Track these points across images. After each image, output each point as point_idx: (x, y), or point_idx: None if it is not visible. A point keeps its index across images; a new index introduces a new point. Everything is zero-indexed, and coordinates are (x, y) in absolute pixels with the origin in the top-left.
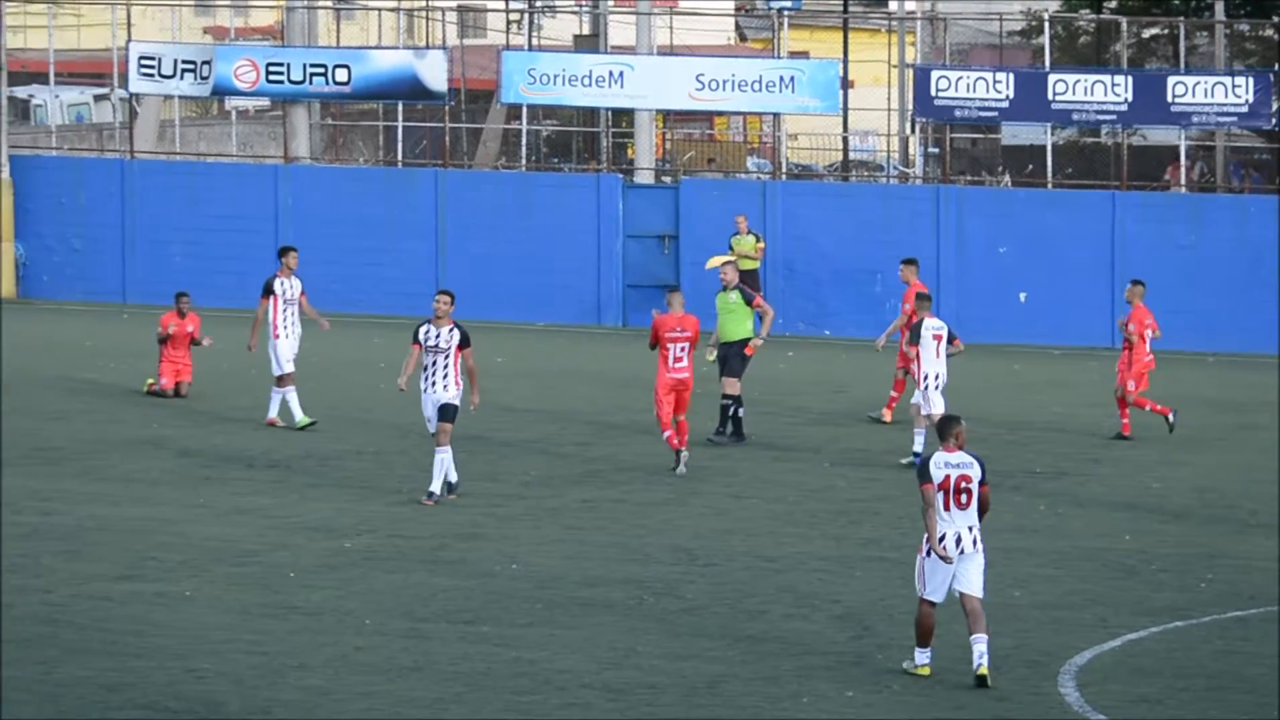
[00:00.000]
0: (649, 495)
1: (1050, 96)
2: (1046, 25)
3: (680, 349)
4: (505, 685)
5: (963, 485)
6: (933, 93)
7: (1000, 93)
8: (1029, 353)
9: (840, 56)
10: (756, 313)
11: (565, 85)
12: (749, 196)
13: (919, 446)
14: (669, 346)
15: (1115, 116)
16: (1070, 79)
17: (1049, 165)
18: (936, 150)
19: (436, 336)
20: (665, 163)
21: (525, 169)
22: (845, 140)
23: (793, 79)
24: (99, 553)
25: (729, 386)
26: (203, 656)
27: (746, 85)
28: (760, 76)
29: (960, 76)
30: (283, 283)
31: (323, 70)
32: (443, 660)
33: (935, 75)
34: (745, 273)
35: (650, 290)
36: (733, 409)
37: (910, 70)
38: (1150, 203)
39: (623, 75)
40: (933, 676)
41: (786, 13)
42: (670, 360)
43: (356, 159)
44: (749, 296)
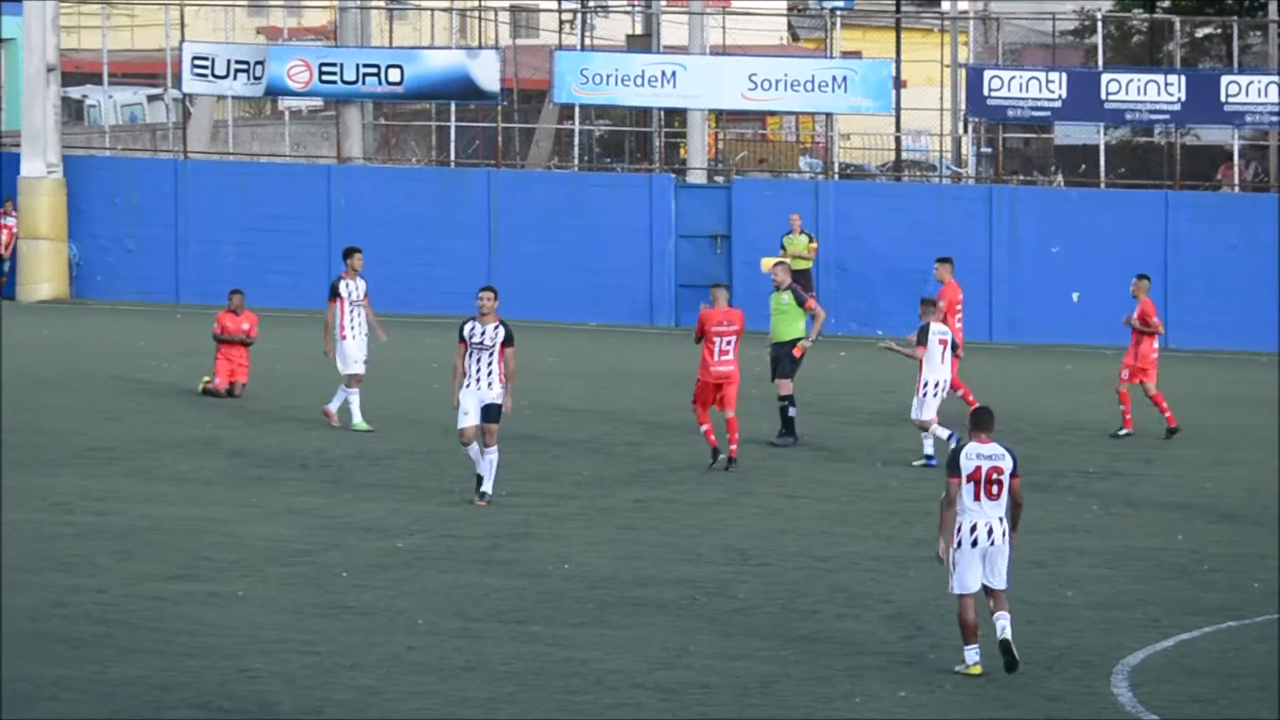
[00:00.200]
0: (701, 495)
1: (1103, 96)
2: (1099, 25)
3: (726, 343)
4: (557, 685)
5: (994, 477)
6: (985, 92)
7: (1053, 92)
8: (1081, 353)
9: (893, 56)
10: (809, 314)
11: (618, 85)
12: (801, 196)
13: (941, 439)
14: (715, 340)
15: (1168, 116)
16: (1123, 79)
17: (1102, 165)
18: (989, 150)
19: (482, 334)
20: (718, 163)
21: (578, 169)
22: (898, 140)
23: (845, 79)
24: (152, 552)
25: (782, 388)
26: (255, 656)
27: (799, 85)
28: (813, 76)
29: (1013, 76)
30: (348, 284)
31: (376, 70)
32: (495, 660)
33: (988, 75)
34: (798, 273)
35: (703, 290)
36: (784, 407)
37: (963, 70)
38: (1203, 203)
39: (675, 75)
40: (984, 676)
41: (839, 12)
42: (716, 354)
43: (409, 159)
44: (801, 298)
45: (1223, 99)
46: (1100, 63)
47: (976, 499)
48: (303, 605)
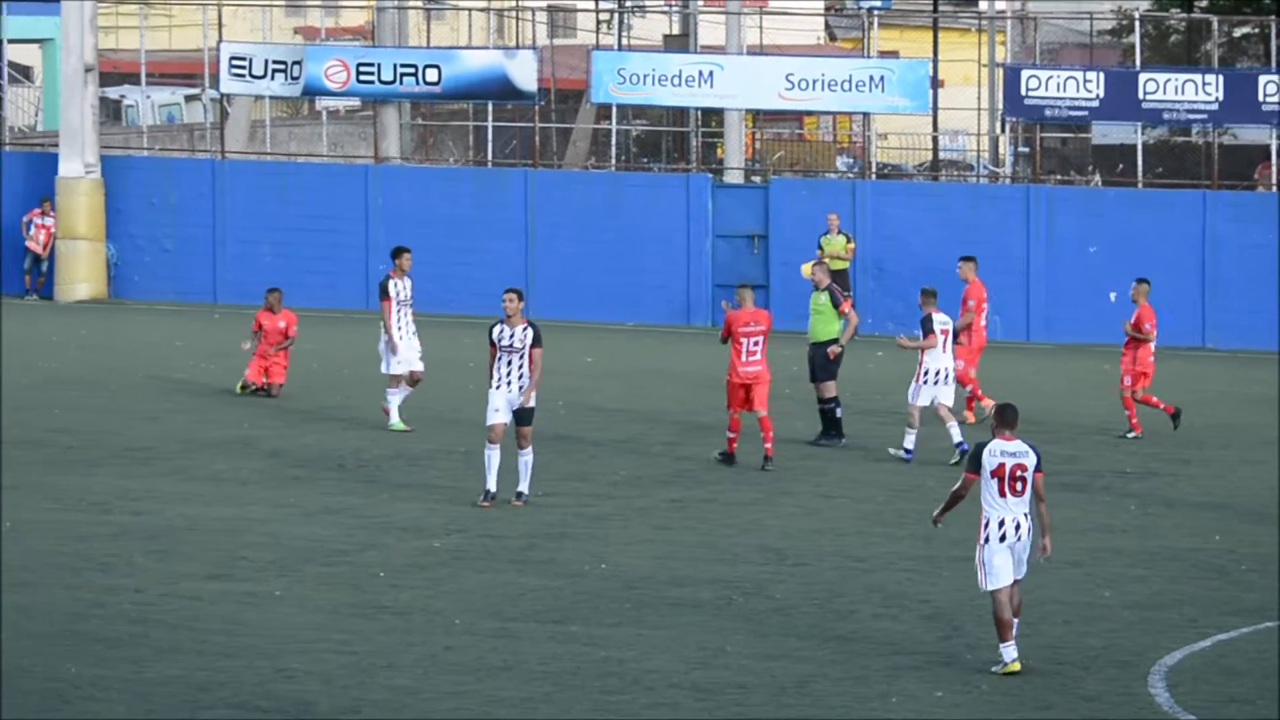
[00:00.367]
0: (737, 495)
1: (1140, 96)
2: (1137, 24)
3: (753, 343)
4: (594, 685)
5: (1018, 474)
6: (1023, 92)
7: (1090, 92)
8: (1118, 353)
9: (930, 56)
10: (843, 317)
11: (655, 85)
12: (838, 196)
13: (958, 436)
14: (742, 341)
15: (1206, 116)
16: (1161, 78)
17: (1139, 165)
18: (1026, 150)
19: (510, 336)
20: (755, 162)
21: (615, 169)
22: (935, 140)
23: (882, 78)
24: (189, 552)
25: (825, 390)
26: (292, 656)
27: (836, 85)
28: (850, 76)
29: (1050, 76)
30: (396, 284)
31: (413, 70)
32: (531, 660)
33: (1025, 74)
34: (835, 273)
35: None
36: (831, 408)
37: (1000, 69)
38: (1241, 202)
39: (712, 75)
40: (1022, 676)
41: (876, 12)
42: (743, 354)
43: (446, 159)
44: (837, 300)
45: (1260, 98)
46: (1138, 62)
47: (1002, 495)
48: (340, 605)
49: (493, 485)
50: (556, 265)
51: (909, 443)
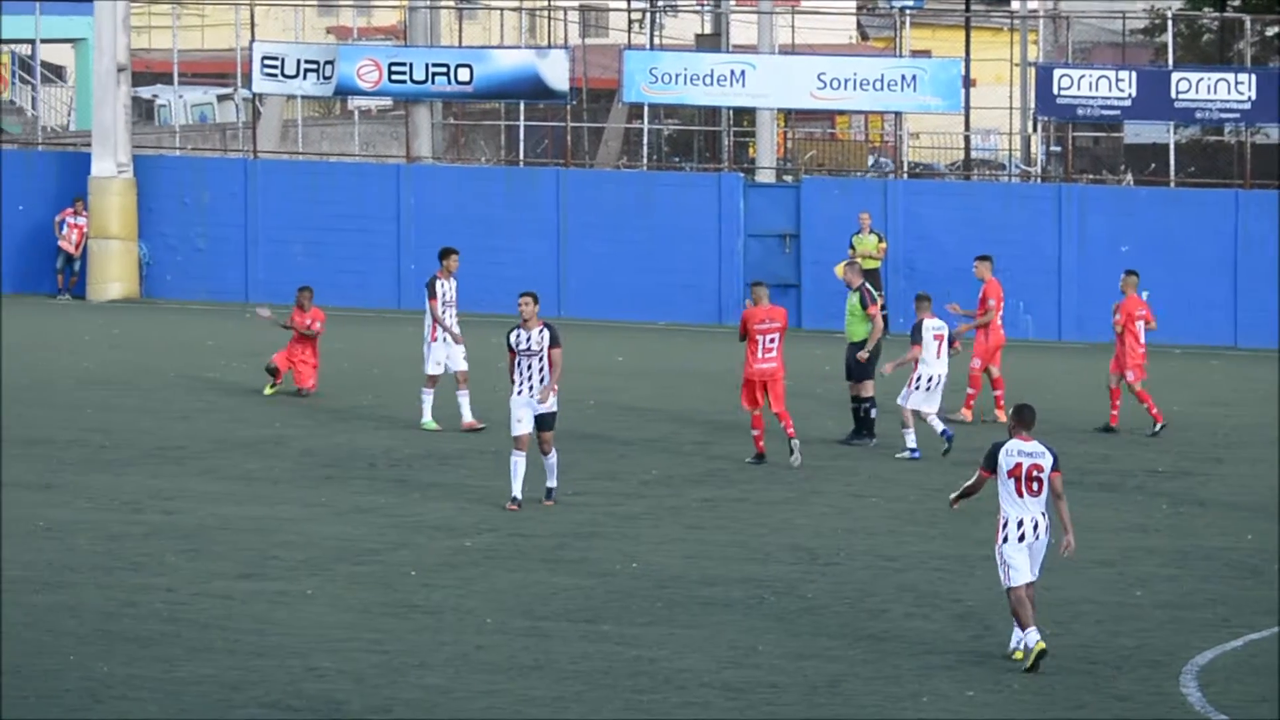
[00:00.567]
0: (769, 494)
1: (1173, 95)
2: (1169, 23)
3: (770, 340)
4: (625, 684)
5: (1034, 474)
6: (1055, 91)
7: (1123, 91)
8: (1150, 352)
9: (962, 55)
10: (870, 319)
11: (687, 84)
12: (870, 195)
13: (940, 426)
14: (758, 338)
15: (1238, 115)
16: (1193, 77)
17: (1171, 164)
18: (1059, 149)
19: (528, 340)
20: (786, 162)
21: (646, 168)
22: (967, 139)
23: (914, 78)
24: (221, 551)
25: (863, 389)
26: (323, 655)
27: (868, 84)
28: (882, 75)
29: (1082, 75)
30: (442, 284)
31: (445, 70)
32: (563, 659)
33: (1057, 74)
34: (867, 272)
35: (771, 290)
36: (866, 408)
37: (1032, 69)
38: (1273, 202)
39: (744, 74)
40: (1054, 675)
41: (908, 11)
42: (760, 351)
43: (478, 158)
44: (865, 302)
45: None
46: (1170, 61)
47: (1019, 495)
48: (371, 604)
49: (518, 493)
50: (588, 265)
51: (910, 441)
